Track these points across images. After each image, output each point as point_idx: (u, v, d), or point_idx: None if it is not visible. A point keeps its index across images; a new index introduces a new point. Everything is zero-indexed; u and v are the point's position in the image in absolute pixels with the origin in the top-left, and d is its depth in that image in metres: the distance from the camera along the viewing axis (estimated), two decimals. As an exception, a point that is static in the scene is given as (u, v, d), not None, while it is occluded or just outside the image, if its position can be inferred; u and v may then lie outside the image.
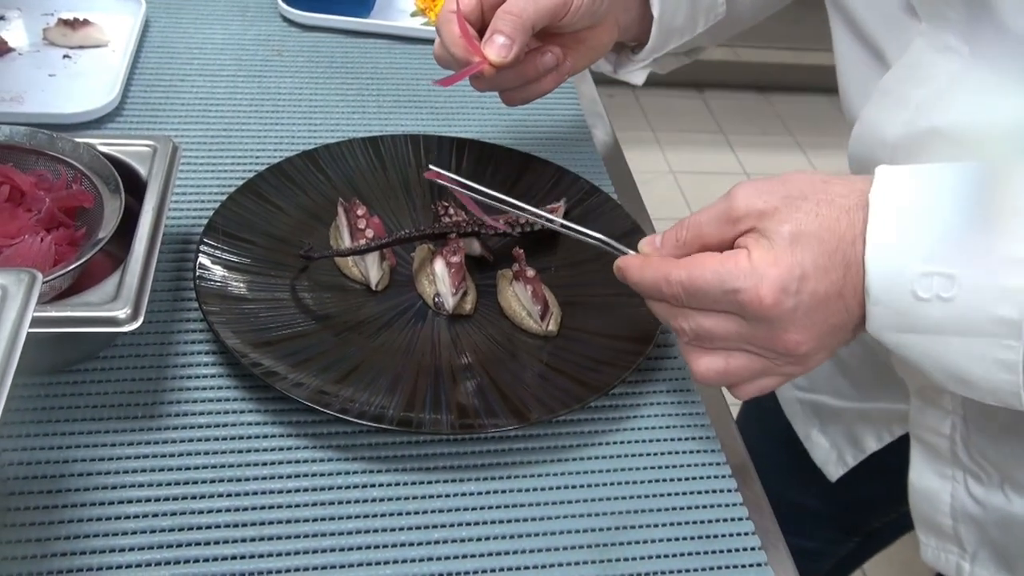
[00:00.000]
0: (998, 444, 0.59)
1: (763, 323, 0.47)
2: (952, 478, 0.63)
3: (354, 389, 0.58)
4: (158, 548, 0.50)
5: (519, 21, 0.59)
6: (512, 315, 0.65)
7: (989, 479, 0.61)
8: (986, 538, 0.63)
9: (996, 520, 0.61)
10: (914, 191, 0.45)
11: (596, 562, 0.53)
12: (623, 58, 0.73)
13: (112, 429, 0.56)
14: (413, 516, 0.54)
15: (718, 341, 0.49)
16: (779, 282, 0.45)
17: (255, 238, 0.66)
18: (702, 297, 0.48)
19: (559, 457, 0.58)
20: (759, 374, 0.50)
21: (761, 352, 0.49)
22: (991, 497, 0.61)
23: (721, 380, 0.51)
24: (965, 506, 0.62)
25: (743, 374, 0.50)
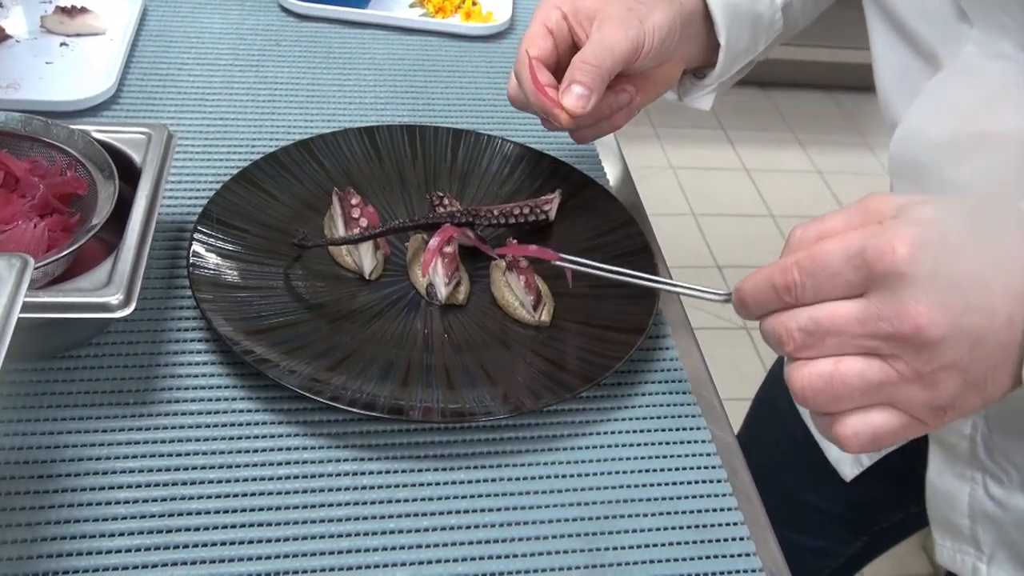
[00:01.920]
0: (1020, 445, 0.59)
1: (888, 289, 0.40)
2: (971, 479, 0.63)
3: (346, 377, 0.58)
4: (148, 533, 0.51)
5: (598, 72, 0.59)
6: (505, 305, 0.65)
7: (1009, 480, 0.61)
8: (1004, 539, 0.62)
9: (1015, 521, 0.61)
10: None
11: (585, 551, 0.53)
12: (687, 85, 0.72)
13: (104, 415, 0.56)
14: (403, 504, 0.54)
15: (830, 340, 0.42)
16: (915, 237, 0.39)
17: (249, 226, 0.66)
18: (821, 274, 0.42)
19: (550, 447, 0.58)
20: (874, 391, 0.42)
21: (879, 348, 0.41)
22: (1011, 498, 0.61)
23: (826, 395, 0.42)
24: (984, 507, 0.62)
25: (854, 385, 0.42)
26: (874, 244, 0.40)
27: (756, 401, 0.93)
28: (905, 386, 0.41)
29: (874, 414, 0.42)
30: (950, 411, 0.42)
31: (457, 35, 0.94)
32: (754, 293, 0.45)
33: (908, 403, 0.42)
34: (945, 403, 0.41)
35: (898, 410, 0.42)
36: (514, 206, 0.69)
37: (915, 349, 0.40)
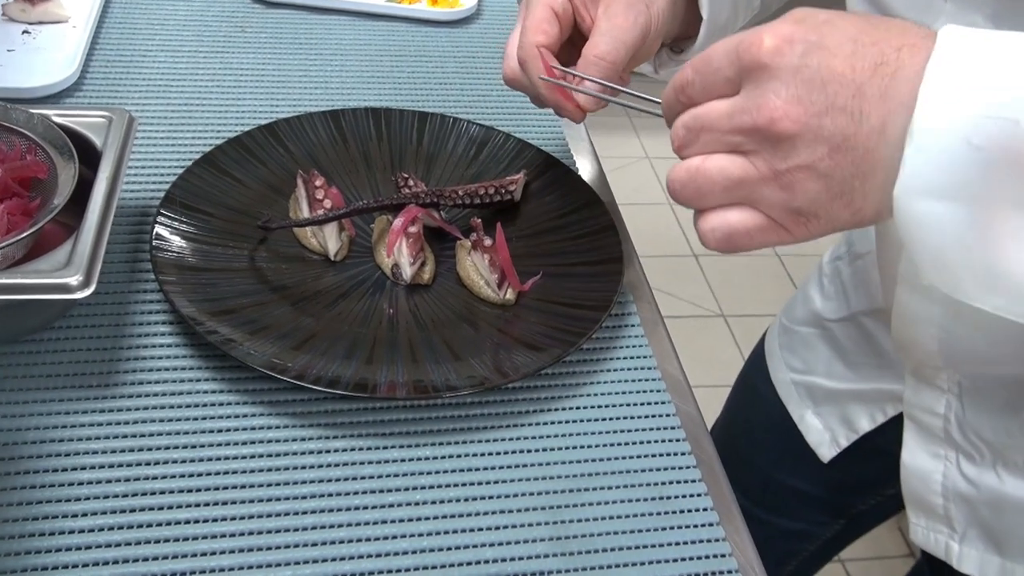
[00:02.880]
0: (993, 423, 0.59)
1: (754, 82, 0.41)
2: (944, 458, 0.63)
3: (311, 356, 0.58)
4: (111, 513, 0.50)
5: (613, 68, 0.58)
6: (470, 284, 0.65)
7: (982, 458, 0.61)
8: (976, 518, 0.63)
9: (987, 500, 0.62)
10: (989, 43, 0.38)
11: (550, 523, 0.53)
12: (663, 58, 0.71)
13: (66, 398, 0.56)
14: (367, 481, 0.54)
15: (703, 135, 0.43)
16: (787, 33, 0.40)
17: (213, 210, 0.66)
18: (706, 70, 0.43)
19: (514, 423, 0.58)
20: (734, 187, 0.42)
21: (742, 143, 0.42)
22: (983, 477, 0.62)
23: (690, 188, 0.44)
24: (957, 486, 0.63)
25: (715, 180, 0.43)
26: (747, 37, 0.41)
27: (736, 384, 0.93)
28: (763, 184, 0.42)
29: (732, 212, 0.43)
30: (813, 220, 0.42)
31: (424, 20, 0.94)
32: (665, 96, 0.47)
33: (766, 203, 0.42)
34: (804, 207, 0.41)
35: (757, 211, 0.43)
36: (479, 186, 0.69)
37: (771, 144, 0.41)
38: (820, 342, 0.77)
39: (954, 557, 0.65)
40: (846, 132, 0.39)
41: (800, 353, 0.79)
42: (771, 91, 0.40)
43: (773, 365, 0.83)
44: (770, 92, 0.40)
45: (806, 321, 0.78)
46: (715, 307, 2.09)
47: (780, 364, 0.82)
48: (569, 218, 0.70)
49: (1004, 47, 0.37)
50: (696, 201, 0.44)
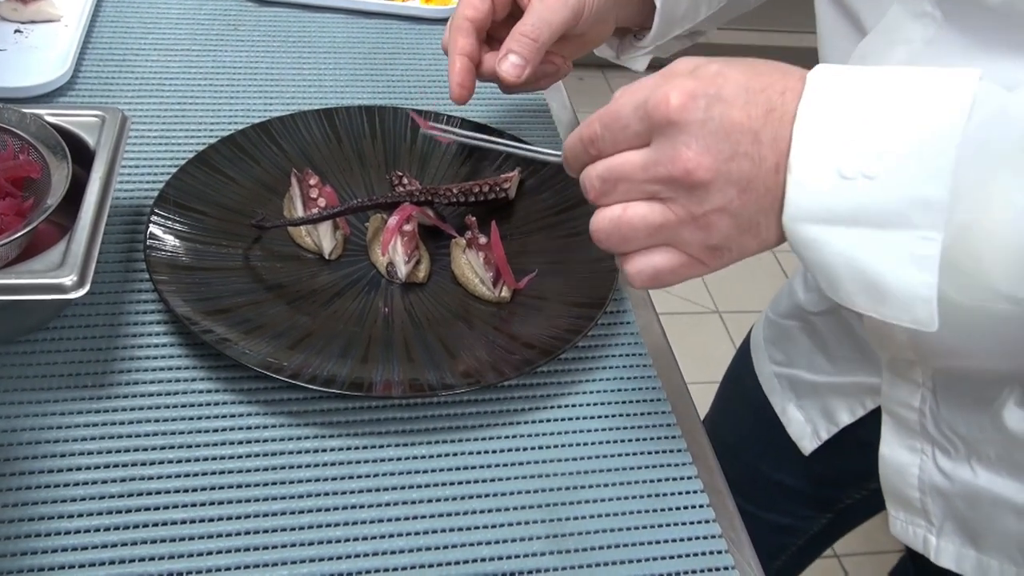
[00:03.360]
0: (966, 417, 0.60)
1: (665, 137, 0.44)
2: (921, 451, 0.64)
3: (306, 355, 0.58)
4: (107, 514, 0.50)
5: (535, 45, 0.61)
6: (465, 282, 0.65)
7: (957, 452, 0.62)
8: (952, 511, 0.63)
9: (962, 494, 0.62)
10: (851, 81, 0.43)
11: (546, 521, 0.53)
12: (626, 44, 0.74)
13: (62, 398, 0.56)
14: (364, 479, 0.54)
15: (621, 186, 0.46)
16: (690, 89, 0.44)
17: (207, 209, 0.66)
18: (615, 125, 0.47)
19: (510, 420, 0.58)
20: (655, 232, 0.46)
21: (660, 192, 0.45)
22: (958, 471, 0.62)
23: (615, 236, 0.47)
24: (933, 479, 0.63)
25: (637, 227, 0.46)
26: (653, 96, 0.44)
27: (724, 379, 0.94)
28: (682, 227, 0.45)
29: (656, 254, 0.47)
30: (726, 252, 0.46)
31: (417, 18, 0.94)
32: (569, 147, 0.50)
33: (686, 244, 0.46)
34: (719, 243, 0.46)
35: (678, 250, 0.47)
36: (473, 184, 0.69)
37: (687, 191, 0.44)
38: (802, 335, 0.77)
39: (932, 550, 0.65)
40: (749, 175, 0.43)
41: (783, 346, 0.79)
42: (682, 144, 0.44)
43: (757, 358, 0.83)
44: (681, 145, 0.44)
45: (789, 314, 0.79)
46: (710, 303, 2.10)
47: (764, 357, 0.82)
48: (563, 216, 0.70)
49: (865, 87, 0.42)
50: (621, 247, 0.48)
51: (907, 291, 0.42)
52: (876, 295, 0.43)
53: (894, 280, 0.42)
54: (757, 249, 0.46)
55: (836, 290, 0.44)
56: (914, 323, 0.43)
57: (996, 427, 0.59)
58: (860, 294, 0.43)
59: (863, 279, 0.43)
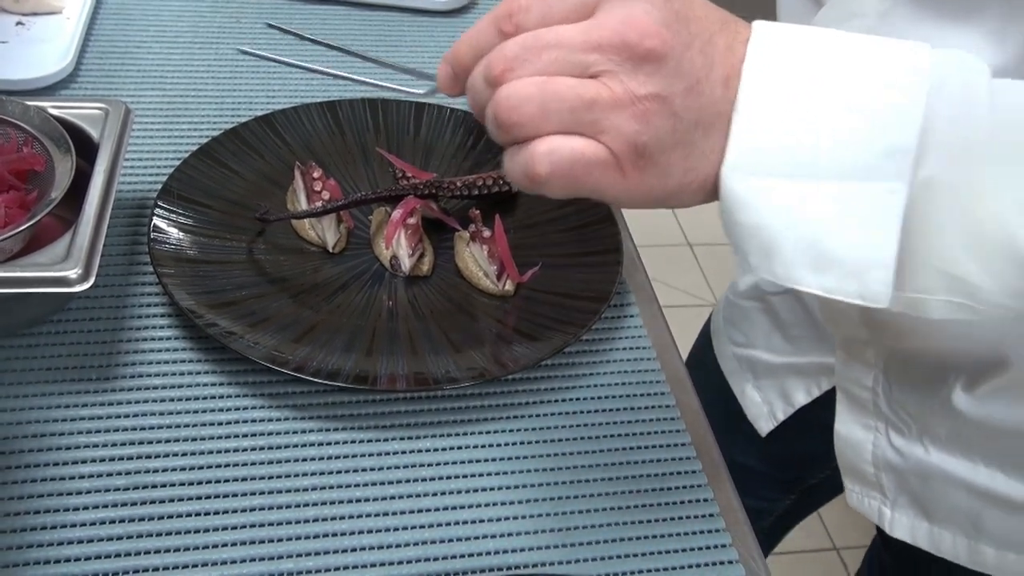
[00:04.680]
0: (917, 397, 0.61)
1: (618, 2, 0.37)
2: (875, 429, 0.65)
3: (310, 349, 0.58)
4: (112, 507, 0.50)
5: None
6: (469, 276, 0.65)
7: (909, 431, 0.63)
8: (906, 486, 0.64)
9: (915, 470, 0.63)
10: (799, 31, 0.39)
11: (552, 515, 0.53)
12: None
13: (67, 391, 0.56)
14: (369, 472, 0.54)
15: (547, 54, 0.37)
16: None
17: (211, 202, 0.66)
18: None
19: (516, 414, 0.58)
20: (584, 108, 0.37)
21: (597, 60, 0.37)
22: (911, 448, 0.63)
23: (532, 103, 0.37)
24: (886, 456, 0.64)
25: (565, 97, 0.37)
26: None
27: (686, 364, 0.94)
28: (616, 110, 0.37)
29: (576, 139, 0.38)
30: (650, 164, 0.38)
31: (419, 10, 0.94)
32: (472, 36, 0.40)
33: (614, 133, 0.37)
34: (649, 145, 0.37)
35: (600, 143, 0.38)
36: (477, 177, 0.69)
37: (634, 64, 0.37)
38: (761, 315, 0.77)
39: (887, 522, 0.67)
40: (699, 75, 0.37)
41: (742, 327, 0.80)
42: (641, 10, 0.37)
43: (718, 341, 0.84)
44: (640, 11, 0.37)
45: (748, 294, 0.79)
46: (710, 296, 2.10)
47: (724, 339, 0.82)
48: (567, 209, 0.70)
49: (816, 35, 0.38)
50: (536, 121, 0.37)
51: (861, 255, 0.37)
52: (822, 262, 0.37)
53: (847, 241, 0.37)
54: (679, 180, 0.38)
55: (772, 259, 0.38)
56: (863, 297, 0.37)
57: (945, 409, 0.60)
58: (802, 264, 0.37)
59: (807, 243, 0.37)
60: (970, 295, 0.38)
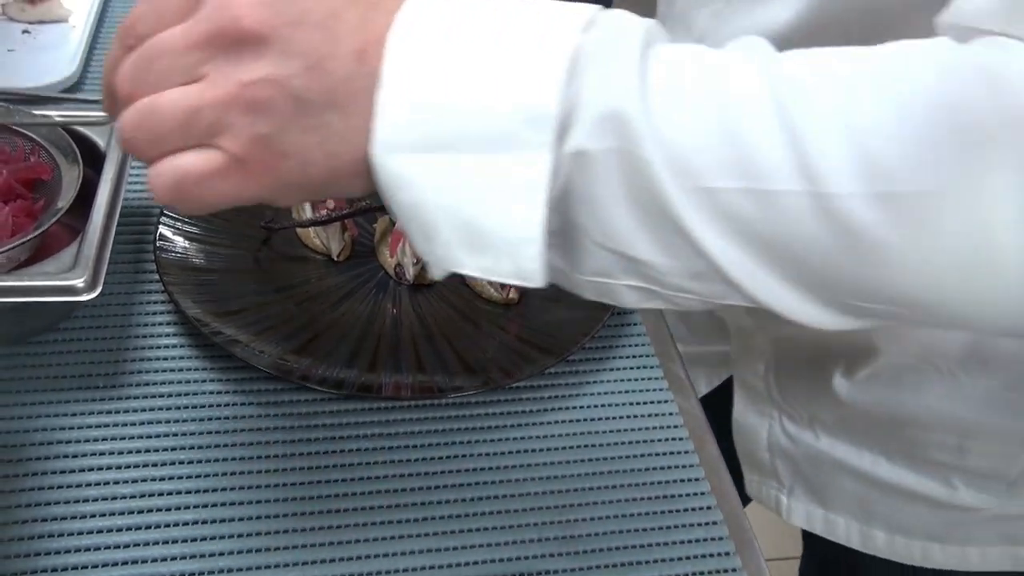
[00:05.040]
0: (803, 384, 0.62)
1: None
2: (769, 416, 0.66)
3: (315, 357, 0.58)
4: (119, 515, 0.51)
5: None
6: (473, 284, 0.65)
7: (800, 418, 0.64)
8: (799, 473, 0.66)
9: (806, 456, 0.65)
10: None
11: (557, 522, 0.54)
12: None
13: (73, 399, 0.56)
14: (375, 481, 0.54)
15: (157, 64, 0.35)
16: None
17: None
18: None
19: (520, 422, 0.59)
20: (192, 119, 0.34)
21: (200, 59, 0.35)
22: (802, 435, 0.65)
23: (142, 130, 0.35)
24: (780, 443, 0.66)
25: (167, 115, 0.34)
26: None
27: None
28: (225, 107, 0.34)
29: (186, 155, 0.35)
30: (281, 158, 0.35)
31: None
32: (108, 58, 0.38)
33: (231, 134, 0.35)
34: (272, 135, 0.34)
35: (216, 149, 0.35)
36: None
37: (235, 52, 0.34)
38: None
39: (784, 510, 0.68)
40: (321, 51, 0.34)
41: (670, 318, 0.80)
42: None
43: None
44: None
45: None
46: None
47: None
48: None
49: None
50: (152, 147, 0.35)
51: (510, 232, 0.34)
52: (476, 241, 0.35)
53: (496, 218, 0.34)
54: (324, 167, 0.35)
55: (433, 242, 0.36)
56: (519, 276, 0.35)
57: (829, 395, 0.61)
58: (458, 244, 0.35)
59: (461, 221, 0.35)
60: (650, 278, 0.37)
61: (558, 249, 0.37)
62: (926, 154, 0.32)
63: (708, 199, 0.34)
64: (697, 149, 0.34)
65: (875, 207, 0.33)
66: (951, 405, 0.59)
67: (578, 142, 0.34)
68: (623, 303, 0.39)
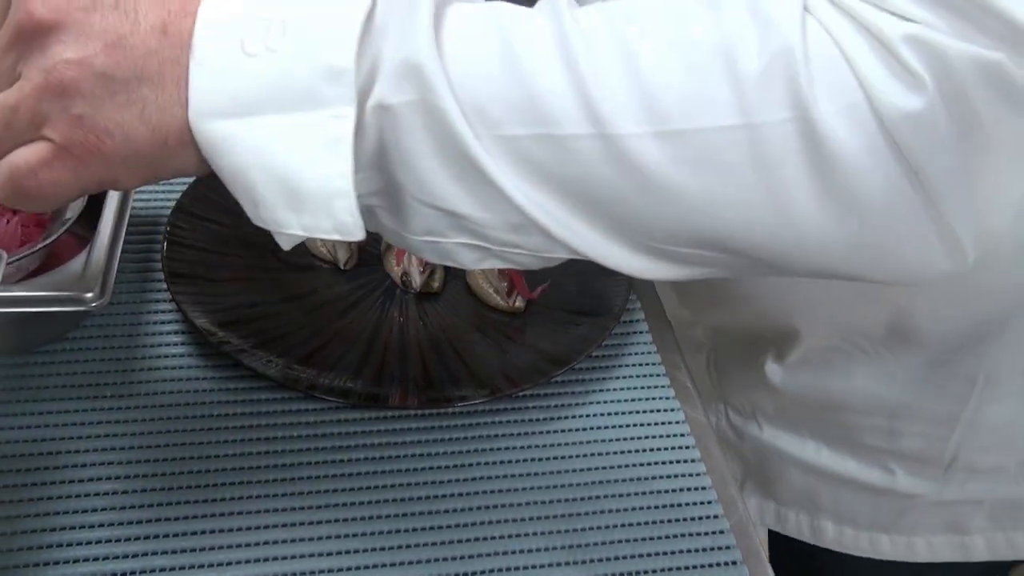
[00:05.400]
0: (742, 376, 0.63)
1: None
2: (716, 411, 0.67)
3: (322, 366, 0.58)
4: (127, 525, 0.51)
5: None
6: (479, 292, 0.65)
7: (744, 409, 0.65)
8: (749, 468, 0.67)
9: (753, 450, 0.66)
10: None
11: (563, 532, 0.54)
12: None
13: (81, 408, 0.56)
14: (382, 491, 0.54)
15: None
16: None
17: (223, 219, 0.66)
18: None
19: (526, 431, 0.59)
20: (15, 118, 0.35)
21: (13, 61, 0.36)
22: (747, 427, 0.65)
23: None
24: (728, 437, 0.66)
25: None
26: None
27: None
28: (39, 98, 0.35)
29: (17, 151, 0.36)
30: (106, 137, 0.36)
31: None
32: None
33: (52, 124, 0.35)
34: (87, 115, 0.35)
35: (45, 140, 0.36)
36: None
37: (38, 46, 0.35)
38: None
39: None
40: (120, 30, 0.35)
41: None
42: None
43: None
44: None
45: None
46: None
47: None
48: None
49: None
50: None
51: (324, 188, 0.35)
52: (294, 200, 0.36)
53: (309, 175, 0.35)
54: (150, 140, 0.36)
55: (259, 206, 0.36)
56: (339, 232, 0.36)
57: (764, 383, 0.62)
58: (280, 204, 0.36)
59: (279, 181, 0.35)
60: (476, 233, 0.38)
61: (386, 209, 0.38)
62: (702, 92, 0.34)
63: (507, 146, 0.35)
64: (491, 97, 0.35)
65: (659, 145, 0.34)
66: (877, 386, 0.60)
67: (380, 96, 0.35)
68: (462, 263, 0.40)
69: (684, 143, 0.34)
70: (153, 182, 0.38)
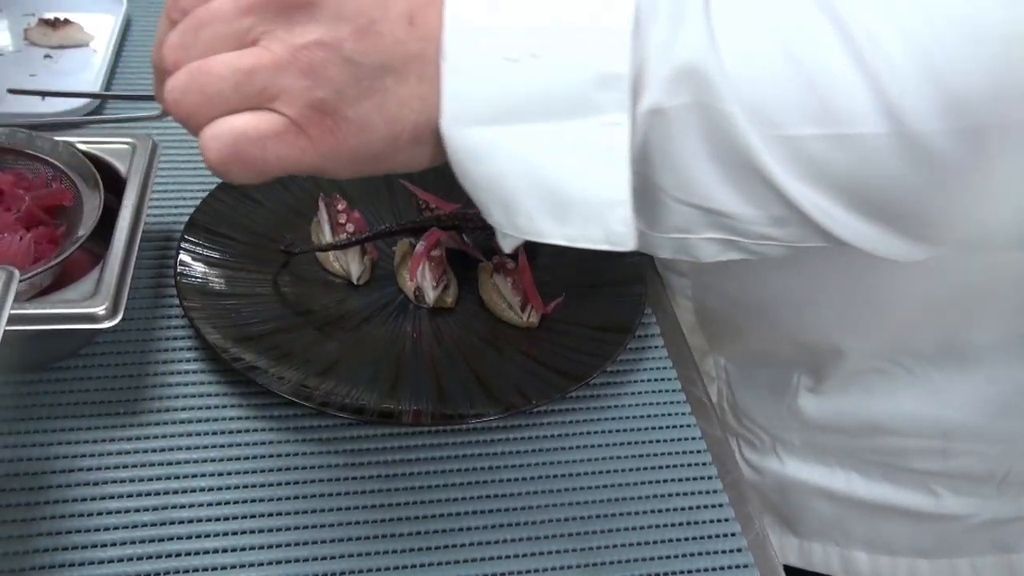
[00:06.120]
0: (763, 408, 0.61)
1: None
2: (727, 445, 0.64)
3: (335, 382, 0.58)
4: (140, 543, 0.51)
5: None
6: (493, 307, 0.65)
7: (761, 444, 0.62)
8: (768, 503, 0.64)
9: (773, 485, 0.63)
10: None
11: (579, 550, 0.53)
12: None
13: (94, 426, 0.56)
14: (395, 508, 0.54)
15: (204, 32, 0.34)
16: None
17: (236, 234, 0.66)
18: None
19: (542, 447, 0.58)
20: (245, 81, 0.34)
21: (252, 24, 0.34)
22: (766, 462, 0.63)
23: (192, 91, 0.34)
24: (743, 473, 0.64)
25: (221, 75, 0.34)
26: None
27: None
28: (280, 70, 0.34)
29: (242, 115, 0.34)
30: (342, 122, 0.34)
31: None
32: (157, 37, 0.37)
33: (287, 97, 0.34)
34: (328, 99, 0.34)
35: (272, 111, 0.34)
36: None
37: (286, 17, 0.34)
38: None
39: None
40: (372, 15, 0.34)
41: None
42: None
43: None
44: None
45: None
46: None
47: None
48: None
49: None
50: (203, 109, 0.34)
51: (596, 196, 0.34)
52: (559, 209, 0.35)
53: (580, 184, 0.34)
54: (385, 133, 0.35)
55: (514, 214, 0.35)
56: (609, 242, 0.35)
57: (793, 415, 0.60)
58: (543, 213, 0.35)
59: (543, 189, 0.34)
60: (731, 228, 0.37)
61: (636, 210, 0.36)
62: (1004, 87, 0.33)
63: (790, 147, 0.34)
64: (774, 97, 0.34)
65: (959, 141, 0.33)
66: (929, 408, 0.58)
67: (654, 100, 0.34)
68: (700, 257, 0.39)
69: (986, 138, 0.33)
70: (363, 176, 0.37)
